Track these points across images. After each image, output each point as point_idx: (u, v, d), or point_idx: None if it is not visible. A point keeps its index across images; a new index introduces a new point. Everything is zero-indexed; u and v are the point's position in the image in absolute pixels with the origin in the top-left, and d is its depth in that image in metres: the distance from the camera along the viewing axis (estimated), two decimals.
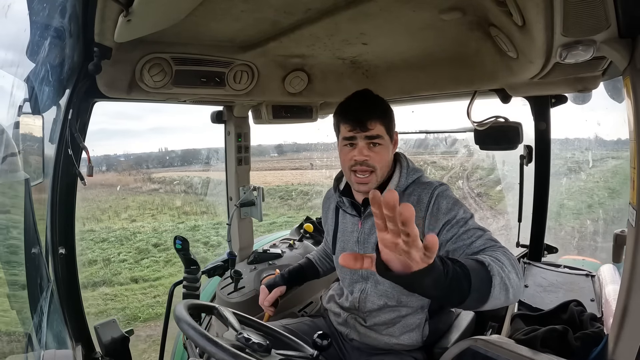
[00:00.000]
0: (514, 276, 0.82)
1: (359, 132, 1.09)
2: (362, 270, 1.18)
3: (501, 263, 0.83)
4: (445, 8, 0.97)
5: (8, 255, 1.02)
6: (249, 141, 1.89)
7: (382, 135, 1.11)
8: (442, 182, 1.14)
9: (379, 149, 1.11)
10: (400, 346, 1.16)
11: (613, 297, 1.21)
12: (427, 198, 1.09)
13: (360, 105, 1.12)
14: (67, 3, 0.86)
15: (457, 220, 1.02)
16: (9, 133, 0.92)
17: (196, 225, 10.10)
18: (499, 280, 0.78)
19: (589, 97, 1.48)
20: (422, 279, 0.62)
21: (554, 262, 1.70)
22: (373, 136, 1.09)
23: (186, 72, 1.26)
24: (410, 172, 1.16)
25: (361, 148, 1.10)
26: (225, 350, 0.76)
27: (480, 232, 0.99)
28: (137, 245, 8.91)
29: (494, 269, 0.79)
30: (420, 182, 1.15)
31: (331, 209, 1.34)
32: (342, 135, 1.14)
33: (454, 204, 1.06)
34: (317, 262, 1.51)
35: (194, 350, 0.96)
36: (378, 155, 1.11)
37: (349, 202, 1.23)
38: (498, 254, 0.87)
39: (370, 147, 1.11)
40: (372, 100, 1.14)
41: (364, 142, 1.10)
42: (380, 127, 1.10)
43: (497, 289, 0.77)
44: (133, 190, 13.79)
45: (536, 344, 1.01)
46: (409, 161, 1.21)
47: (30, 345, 0.99)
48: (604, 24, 0.72)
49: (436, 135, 8.94)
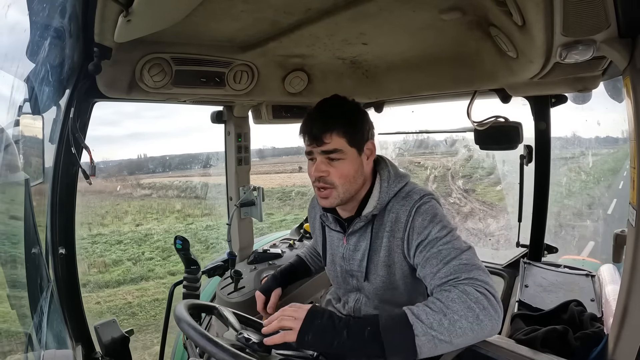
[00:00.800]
0: (463, 324, 0.76)
1: (315, 146, 1.02)
2: (352, 282, 1.16)
3: (444, 313, 0.77)
4: (445, 8, 0.97)
5: (8, 255, 1.02)
6: (249, 141, 1.89)
7: (342, 149, 1.01)
8: (425, 193, 1.03)
9: (339, 164, 1.02)
10: None
11: (613, 297, 1.21)
12: (405, 216, 1.00)
13: (318, 117, 1.03)
14: (67, 3, 0.86)
15: (428, 241, 0.93)
16: (8, 133, 0.92)
17: (209, 225, 10.54)
18: (426, 339, 0.75)
19: (589, 97, 1.48)
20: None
21: (554, 262, 1.70)
22: (329, 151, 1.01)
23: (186, 72, 1.26)
24: (392, 184, 1.07)
25: (318, 164, 1.03)
26: (226, 351, 0.76)
27: (453, 253, 0.88)
28: (157, 245, 9.38)
29: (419, 329, 0.75)
30: (400, 196, 1.05)
31: (317, 219, 1.28)
32: (305, 149, 1.07)
33: (430, 221, 0.96)
34: (308, 260, 1.46)
35: (194, 350, 0.96)
36: (337, 171, 1.02)
37: (332, 218, 1.16)
38: (454, 294, 0.79)
39: (329, 162, 1.02)
40: (334, 110, 1.05)
41: (321, 157, 1.03)
42: (340, 139, 1.01)
43: (426, 347, 0.75)
44: (124, 196, 13.96)
45: (536, 344, 1.01)
46: (391, 169, 1.11)
47: (30, 345, 0.99)
48: (604, 24, 0.72)
49: (433, 135, 9.15)
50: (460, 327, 0.76)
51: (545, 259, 1.76)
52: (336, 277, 1.22)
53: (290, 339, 0.80)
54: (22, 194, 0.98)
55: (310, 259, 1.47)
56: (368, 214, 1.07)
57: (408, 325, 0.76)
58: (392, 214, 1.04)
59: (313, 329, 0.79)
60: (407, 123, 2.16)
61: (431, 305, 0.79)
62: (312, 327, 0.79)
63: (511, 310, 1.36)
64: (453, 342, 0.77)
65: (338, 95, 1.10)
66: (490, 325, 0.78)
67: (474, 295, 0.79)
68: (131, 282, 7.64)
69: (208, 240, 9.85)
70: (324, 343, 0.79)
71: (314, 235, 1.36)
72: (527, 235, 1.77)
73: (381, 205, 1.06)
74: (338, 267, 1.19)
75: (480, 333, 0.78)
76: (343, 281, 1.20)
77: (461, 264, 0.86)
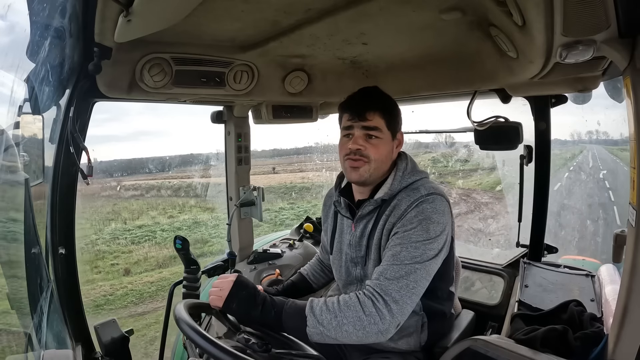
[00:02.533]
0: (349, 328, 0.91)
1: (357, 121, 1.08)
2: (355, 272, 1.19)
3: (336, 314, 0.92)
4: (445, 8, 0.97)
5: (8, 255, 1.02)
6: (249, 141, 1.89)
7: (380, 128, 1.08)
8: (433, 191, 1.07)
9: (376, 142, 1.09)
10: (399, 349, 1.16)
11: (613, 297, 1.21)
12: (406, 206, 1.05)
13: (363, 96, 1.12)
14: (67, 3, 0.86)
15: (402, 235, 1.01)
16: (8, 133, 0.92)
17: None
18: (315, 331, 0.92)
19: (589, 97, 1.48)
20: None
21: (554, 262, 1.70)
22: (370, 127, 1.08)
23: (186, 72, 1.26)
24: (406, 176, 1.12)
25: (357, 137, 1.09)
26: (226, 351, 0.76)
27: (406, 259, 0.97)
28: (201, 231, 10.28)
29: (310, 321, 0.92)
30: (412, 188, 1.10)
31: (332, 208, 1.32)
32: (342, 125, 1.13)
33: (421, 220, 1.01)
34: (310, 278, 1.44)
35: (194, 350, 0.96)
36: (374, 147, 1.08)
37: (345, 203, 1.21)
38: (352, 301, 0.93)
39: (366, 138, 1.09)
40: (376, 94, 1.13)
41: (361, 132, 1.09)
42: (380, 119, 1.08)
43: (315, 336, 0.93)
44: (115, 196, 14.00)
45: (536, 344, 1.01)
46: (409, 163, 1.16)
47: (30, 345, 0.99)
48: (604, 24, 0.72)
49: (435, 136, 10.00)
50: (346, 330, 0.91)
51: (545, 259, 1.76)
52: (340, 267, 1.24)
53: (217, 305, 0.97)
54: (22, 194, 0.98)
55: (312, 276, 1.45)
56: (378, 199, 1.12)
57: (303, 317, 0.93)
58: (396, 201, 1.10)
59: (238, 298, 0.96)
60: (407, 123, 2.16)
61: (329, 304, 0.94)
62: (237, 297, 0.96)
63: (511, 310, 1.36)
64: (338, 339, 0.93)
65: (378, 88, 1.16)
66: (375, 336, 0.92)
67: (369, 310, 0.92)
68: (211, 254, 8.61)
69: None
70: (243, 312, 0.96)
71: (324, 225, 1.37)
72: (527, 235, 1.77)
73: (392, 193, 1.11)
74: (344, 256, 1.22)
75: (364, 339, 0.92)
76: (346, 271, 1.22)
77: (396, 272, 0.96)
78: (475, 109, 1.51)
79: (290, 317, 0.94)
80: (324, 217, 1.38)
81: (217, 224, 10.38)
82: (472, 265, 1.89)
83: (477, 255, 1.94)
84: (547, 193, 1.70)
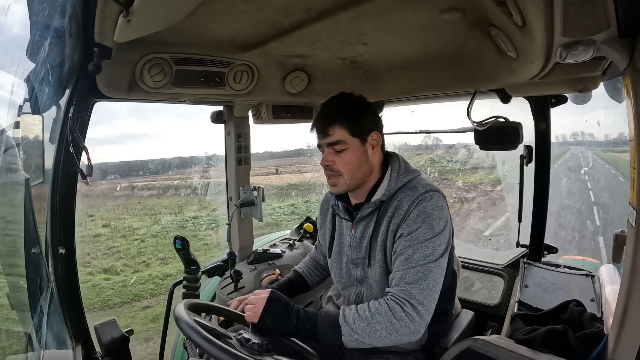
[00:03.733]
0: (382, 334, 0.96)
1: (322, 138, 1.13)
2: (356, 273, 1.19)
3: (368, 321, 0.96)
4: (445, 8, 0.97)
5: (8, 255, 1.02)
6: (249, 141, 1.89)
7: (344, 140, 1.11)
8: (431, 188, 1.09)
9: (343, 154, 1.12)
10: (399, 349, 1.16)
11: (613, 297, 1.21)
12: (407, 205, 1.07)
13: (323, 113, 1.15)
14: (67, 3, 0.86)
15: (410, 237, 1.03)
16: (8, 133, 0.92)
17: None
18: (350, 339, 0.97)
19: (589, 97, 1.48)
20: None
21: (554, 262, 1.70)
22: (333, 142, 1.12)
23: (186, 72, 1.26)
24: (401, 175, 1.14)
25: (326, 154, 1.15)
26: (226, 351, 0.76)
27: (421, 261, 1.00)
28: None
29: (345, 330, 0.97)
30: (409, 187, 1.12)
31: (329, 212, 1.33)
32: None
33: (424, 219, 1.04)
34: (306, 275, 1.45)
35: (194, 350, 0.96)
36: (342, 160, 1.12)
37: (343, 207, 1.23)
38: (382, 307, 0.98)
39: (335, 152, 1.13)
40: (337, 104, 1.14)
41: (328, 149, 1.14)
42: (342, 131, 1.10)
43: (350, 344, 0.97)
44: (132, 195, 13.95)
45: (536, 344, 1.01)
46: (401, 163, 1.18)
47: (30, 345, 0.99)
48: (604, 24, 0.72)
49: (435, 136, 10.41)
50: (379, 335, 0.96)
51: (545, 259, 1.76)
52: (340, 269, 1.24)
53: (253, 321, 0.99)
54: (22, 194, 0.98)
55: (308, 274, 1.46)
56: (376, 200, 1.14)
57: (337, 327, 0.98)
58: (396, 202, 1.11)
59: (272, 313, 0.99)
60: (407, 123, 2.16)
61: (361, 312, 0.99)
62: (271, 312, 0.99)
63: (511, 310, 1.36)
64: (372, 344, 0.97)
65: (344, 93, 1.18)
66: (407, 337, 0.97)
67: (399, 315, 0.97)
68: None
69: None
70: (278, 326, 0.99)
71: (322, 229, 1.38)
72: (527, 236, 1.77)
73: (389, 194, 1.13)
74: (344, 258, 1.23)
75: (398, 341, 0.98)
76: (346, 273, 1.22)
77: (415, 275, 1.01)
78: (475, 109, 1.51)
79: (324, 328, 0.99)
80: (321, 221, 1.39)
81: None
82: (472, 265, 1.89)
83: (478, 255, 1.95)
84: (547, 193, 1.70)
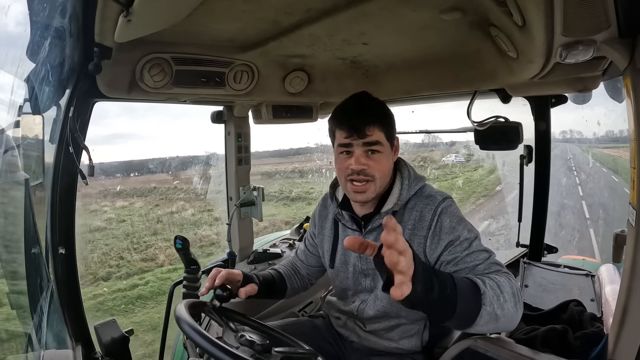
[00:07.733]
0: (509, 306, 0.81)
1: (356, 138, 1.01)
2: (365, 283, 1.15)
3: (500, 291, 0.81)
4: (446, 8, 0.97)
5: (8, 255, 1.02)
6: (249, 141, 1.89)
7: (382, 142, 1.02)
8: (446, 196, 1.06)
9: (378, 157, 1.03)
10: (400, 350, 1.16)
11: (613, 297, 1.21)
12: (430, 215, 1.02)
13: (358, 110, 1.03)
14: (67, 3, 0.86)
15: (460, 242, 0.97)
16: (8, 133, 0.92)
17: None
18: (490, 310, 0.79)
19: (589, 97, 1.48)
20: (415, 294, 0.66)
21: (554, 262, 1.71)
22: (371, 142, 1.01)
23: (186, 72, 1.26)
24: (412, 183, 1.08)
25: (358, 156, 1.01)
26: (226, 351, 0.76)
27: (484, 254, 0.94)
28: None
29: (487, 299, 0.79)
30: (422, 195, 1.07)
31: (329, 219, 1.25)
32: (338, 142, 1.05)
33: (458, 223, 0.99)
34: (288, 279, 1.30)
35: (194, 350, 0.96)
36: (377, 164, 1.02)
37: (348, 216, 1.15)
38: (502, 279, 0.85)
39: (368, 154, 1.02)
40: (371, 103, 1.06)
41: (362, 150, 1.02)
42: (380, 132, 1.02)
43: (484, 319, 0.79)
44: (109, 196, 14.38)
45: (536, 344, 1.01)
46: (410, 169, 1.13)
47: (30, 345, 0.99)
48: (604, 24, 0.72)
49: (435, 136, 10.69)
50: (507, 308, 0.80)
51: (545, 258, 1.76)
52: (346, 278, 1.18)
53: (406, 291, 0.64)
54: (22, 193, 0.98)
55: (289, 278, 1.31)
56: (389, 211, 1.06)
57: (478, 293, 0.78)
58: (415, 212, 1.05)
59: (421, 278, 0.68)
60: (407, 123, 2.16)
61: (487, 281, 0.82)
62: (419, 276, 0.67)
63: None
64: (499, 322, 0.80)
65: (367, 92, 1.09)
66: (516, 317, 0.84)
67: (516, 287, 0.85)
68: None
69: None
70: (423, 292, 0.69)
71: (320, 237, 1.28)
72: (527, 235, 1.78)
73: (402, 203, 1.07)
74: (351, 268, 1.16)
75: (514, 320, 0.84)
76: (354, 282, 1.17)
77: (494, 263, 0.93)
78: (475, 109, 1.51)
79: (465, 293, 0.77)
80: (319, 227, 1.28)
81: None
82: None
83: None
84: (547, 193, 1.70)
